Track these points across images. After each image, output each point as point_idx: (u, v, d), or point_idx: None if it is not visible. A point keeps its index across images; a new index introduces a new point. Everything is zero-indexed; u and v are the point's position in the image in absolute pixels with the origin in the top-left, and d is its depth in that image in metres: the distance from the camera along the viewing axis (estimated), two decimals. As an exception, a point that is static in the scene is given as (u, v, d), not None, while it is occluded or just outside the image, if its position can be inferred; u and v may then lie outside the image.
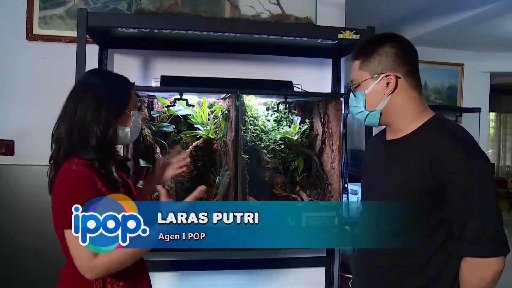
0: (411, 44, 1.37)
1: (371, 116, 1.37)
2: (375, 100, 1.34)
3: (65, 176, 1.27)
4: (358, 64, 1.37)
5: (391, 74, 1.31)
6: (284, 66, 2.45)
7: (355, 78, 1.38)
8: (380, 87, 1.33)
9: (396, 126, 1.37)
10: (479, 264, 1.19)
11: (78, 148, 1.30)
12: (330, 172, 2.17)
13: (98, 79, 1.40)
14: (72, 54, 2.19)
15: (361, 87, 1.36)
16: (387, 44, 1.33)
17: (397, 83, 1.31)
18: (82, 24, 1.78)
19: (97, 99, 1.33)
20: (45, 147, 2.20)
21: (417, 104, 1.34)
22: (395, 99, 1.33)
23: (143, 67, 2.29)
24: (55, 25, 2.30)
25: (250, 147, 2.11)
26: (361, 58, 1.36)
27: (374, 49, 1.34)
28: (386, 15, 4.28)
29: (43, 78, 2.28)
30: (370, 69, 1.34)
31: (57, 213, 1.27)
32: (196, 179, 2.11)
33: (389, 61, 1.32)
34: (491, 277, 1.19)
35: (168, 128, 2.17)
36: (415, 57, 1.36)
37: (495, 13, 3.77)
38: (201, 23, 1.95)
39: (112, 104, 1.34)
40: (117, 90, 1.38)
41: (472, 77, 5.70)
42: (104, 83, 1.38)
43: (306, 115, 2.36)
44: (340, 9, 2.53)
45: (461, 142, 1.23)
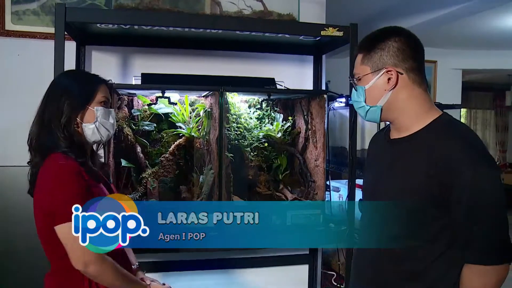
0: (417, 39, 1.31)
1: (372, 112, 1.32)
2: (376, 96, 1.30)
3: (50, 171, 1.27)
4: (360, 58, 1.33)
5: (392, 69, 1.26)
6: (265, 63, 2.44)
7: (357, 72, 1.33)
8: (381, 83, 1.28)
9: (400, 123, 1.32)
10: (483, 271, 1.18)
11: (51, 145, 1.33)
12: (314, 169, 2.17)
13: (65, 78, 1.45)
14: (48, 50, 2.13)
15: (362, 81, 1.32)
16: (391, 39, 1.28)
17: (398, 79, 1.26)
18: (60, 19, 1.72)
19: (60, 96, 1.37)
20: (21, 147, 2.14)
21: (422, 101, 1.29)
22: (397, 95, 1.28)
23: (123, 65, 2.23)
24: (30, 20, 2.21)
25: (234, 145, 2.09)
26: (363, 52, 1.32)
27: (376, 43, 1.29)
28: (361, 13, 4.31)
29: (17, 75, 2.19)
30: (371, 63, 1.29)
31: (44, 211, 1.27)
32: (179, 178, 2.07)
33: (391, 56, 1.27)
34: (495, 284, 1.18)
35: (149, 127, 2.12)
36: (420, 53, 1.30)
37: (467, 11, 3.85)
38: (183, 19, 1.91)
39: (73, 100, 1.36)
40: (80, 86, 1.40)
41: (444, 74, 5.82)
42: (69, 81, 1.42)
43: (288, 112, 2.35)
44: (321, 6, 2.53)
45: (470, 148, 1.18)
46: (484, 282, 1.18)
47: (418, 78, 1.28)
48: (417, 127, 1.28)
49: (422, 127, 1.27)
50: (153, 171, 2.02)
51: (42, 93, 2.20)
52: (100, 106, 1.40)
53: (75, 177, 1.26)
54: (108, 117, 1.42)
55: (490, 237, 1.16)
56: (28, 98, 2.19)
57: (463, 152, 1.15)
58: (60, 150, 1.31)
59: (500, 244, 1.17)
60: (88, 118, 1.39)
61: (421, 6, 4.07)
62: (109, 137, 1.45)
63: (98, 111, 1.39)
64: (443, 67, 5.79)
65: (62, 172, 1.27)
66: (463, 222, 1.16)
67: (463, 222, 1.16)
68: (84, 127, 1.38)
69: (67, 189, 1.24)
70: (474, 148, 1.18)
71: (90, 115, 1.39)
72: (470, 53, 5.88)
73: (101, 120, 1.40)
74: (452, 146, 1.17)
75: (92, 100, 1.39)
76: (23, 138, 2.15)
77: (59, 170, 1.27)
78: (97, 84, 1.42)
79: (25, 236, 1.93)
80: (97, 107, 1.40)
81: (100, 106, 1.40)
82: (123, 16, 1.84)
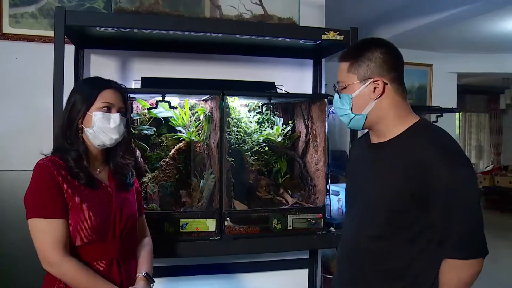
0: (397, 50, 1.39)
1: (357, 120, 1.38)
2: (361, 104, 1.36)
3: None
4: (346, 66, 1.38)
5: (379, 79, 1.33)
6: (265, 67, 2.43)
7: (342, 80, 1.38)
8: (367, 92, 1.34)
9: (380, 130, 1.38)
10: (460, 265, 1.25)
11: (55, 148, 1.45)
12: (314, 173, 2.16)
13: (76, 86, 1.53)
14: (45, 54, 2.12)
15: (348, 89, 1.37)
16: (377, 49, 1.35)
17: (384, 89, 1.33)
18: (60, 22, 1.70)
19: (67, 103, 1.44)
20: (19, 151, 2.13)
21: (401, 109, 1.36)
22: (381, 104, 1.35)
23: (122, 68, 2.21)
24: (27, 24, 2.19)
25: (234, 149, 2.08)
26: (350, 60, 1.37)
27: (363, 53, 1.35)
28: (358, 17, 4.34)
29: (15, 79, 2.17)
30: (358, 72, 1.35)
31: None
32: (179, 182, 2.05)
33: (377, 67, 1.34)
34: (470, 277, 1.26)
35: (149, 131, 2.11)
36: (401, 63, 1.39)
37: (463, 16, 3.88)
38: (184, 23, 1.90)
39: (74, 106, 1.42)
40: (82, 93, 1.44)
41: (440, 77, 5.86)
42: (76, 88, 1.48)
43: (288, 116, 2.34)
44: (320, 10, 2.53)
45: (446, 150, 1.26)
46: (461, 276, 1.25)
47: (399, 87, 1.36)
48: (396, 132, 1.35)
49: (400, 132, 1.34)
50: (153, 176, 2.00)
51: (40, 96, 2.19)
52: (100, 111, 1.41)
53: (46, 176, 1.32)
54: (108, 122, 1.42)
55: (465, 233, 1.23)
56: (25, 102, 2.19)
57: (439, 154, 1.23)
58: (58, 153, 1.40)
59: (475, 239, 1.25)
60: (88, 123, 1.42)
61: (418, 11, 4.10)
62: (113, 141, 1.45)
63: (96, 116, 1.41)
64: (439, 70, 5.83)
65: (34, 171, 1.35)
66: (441, 220, 1.23)
67: (440, 220, 1.23)
68: (86, 131, 1.43)
69: (33, 187, 1.33)
70: (449, 151, 1.26)
71: (89, 120, 1.42)
72: (466, 57, 5.93)
73: (99, 125, 1.41)
74: (429, 149, 1.24)
75: (92, 106, 1.42)
76: (21, 142, 2.15)
77: (34, 170, 1.35)
78: (97, 90, 1.44)
79: (23, 241, 1.91)
80: (95, 112, 1.41)
81: (99, 111, 1.41)
82: (123, 19, 1.83)
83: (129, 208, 1.48)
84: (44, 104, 2.13)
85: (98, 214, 1.37)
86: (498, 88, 8.35)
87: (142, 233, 1.61)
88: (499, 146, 9.65)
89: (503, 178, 8.34)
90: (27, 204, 1.32)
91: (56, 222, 1.30)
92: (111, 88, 1.45)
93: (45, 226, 1.29)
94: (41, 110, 2.14)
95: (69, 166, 1.37)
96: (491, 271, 1.71)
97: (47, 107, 1.76)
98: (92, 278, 1.33)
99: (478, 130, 9.82)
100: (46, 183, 1.32)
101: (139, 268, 1.50)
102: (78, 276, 1.30)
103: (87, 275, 1.32)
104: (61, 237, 1.30)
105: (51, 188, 1.32)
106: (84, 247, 1.36)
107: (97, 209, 1.37)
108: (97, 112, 1.41)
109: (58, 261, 1.29)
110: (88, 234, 1.34)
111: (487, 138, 9.77)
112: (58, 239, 1.30)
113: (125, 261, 1.45)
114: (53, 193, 1.32)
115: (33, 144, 2.12)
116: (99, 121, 1.41)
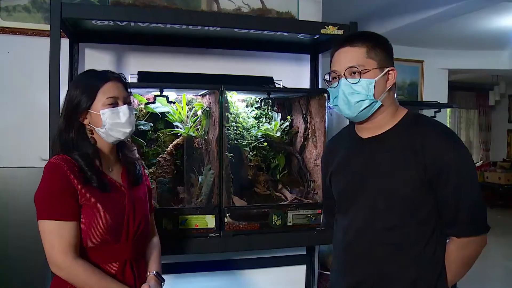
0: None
1: (372, 107, 1.31)
2: (378, 91, 1.31)
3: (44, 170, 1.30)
4: (363, 50, 1.31)
5: (394, 69, 1.32)
6: (263, 61, 2.41)
7: (361, 64, 1.30)
8: (382, 80, 1.31)
9: (377, 122, 1.35)
10: (468, 242, 1.30)
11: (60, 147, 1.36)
12: (314, 169, 2.14)
13: (72, 83, 1.45)
14: (39, 48, 2.08)
15: (368, 74, 1.30)
16: (387, 41, 1.35)
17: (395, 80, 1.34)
18: (56, 15, 1.66)
19: (69, 101, 1.37)
20: (11, 147, 2.08)
21: (394, 101, 1.38)
22: (388, 95, 1.34)
23: (118, 63, 2.17)
24: (20, 17, 2.14)
25: (233, 145, 2.05)
26: (368, 45, 1.31)
27: (381, 40, 1.34)
28: (351, 13, 4.32)
29: (7, 73, 2.12)
30: (378, 59, 1.31)
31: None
32: (177, 178, 2.02)
33: (390, 57, 1.34)
34: (477, 252, 1.32)
35: (145, 126, 2.07)
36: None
37: (455, 12, 3.90)
38: (181, 16, 1.87)
39: (78, 104, 1.35)
40: (81, 89, 1.36)
41: (431, 73, 5.87)
42: (75, 84, 1.40)
43: (285, 111, 2.32)
44: (317, 5, 2.51)
45: (446, 134, 1.30)
46: (469, 252, 1.31)
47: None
48: (391, 123, 1.35)
49: (394, 124, 1.35)
50: (150, 172, 1.97)
51: (33, 91, 2.14)
52: (107, 108, 1.35)
53: (58, 176, 1.27)
54: (118, 117, 1.36)
55: (474, 210, 1.27)
56: (18, 97, 2.14)
57: (441, 138, 1.27)
58: (67, 152, 1.33)
59: (482, 215, 1.30)
60: (97, 123, 1.36)
61: (409, 8, 4.11)
62: (127, 134, 1.40)
63: (104, 114, 1.35)
64: (430, 67, 5.84)
65: (47, 170, 1.29)
66: (450, 200, 1.26)
67: (450, 200, 1.26)
68: (97, 131, 1.37)
69: (45, 187, 1.27)
70: (448, 134, 1.31)
71: (98, 120, 1.35)
72: (457, 53, 5.95)
73: (109, 122, 1.35)
74: (432, 133, 1.28)
75: (93, 104, 1.35)
76: (13, 138, 2.10)
77: (46, 168, 1.30)
78: (97, 86, 1.36)
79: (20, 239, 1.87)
80: (102, 110, 1.34)
81: (106, 108, 1.35)
82: (120, 12, 1.79)
83: (142, 208, 1.43)
84: (37, 99, 2.09)
85: (112, 214, 1.32)
86: (487, 85, 8.41)
87: (151, 232, 1.56)
88: (488, 142, 9.74)
89: (492, 174, 8.41)
90: (38, 204, 1.26)
91: (67, 224, 1.25)
92: (110, 81, 1.38)
93: (56, 228, 1.24)
94: (34, 105, 2.09)
95: (82, 168, 1.31)
96: (479, 267, 1.74)
97: (40, 102, 1.72)
98: (104, 280, 1.28)
99: (467, 126, 9.89)
100: (59, 184, 1.27)
101: (150, 267, 1.46)
102: (88, 279, 1.26)
103: (99, 278, 1.28)
104: (71, 240, 1.25)
105: (64, 189, 1.27)
106: (96, 249, 1.31)
107: (111, 209, 1.32)
108: (105, 109, 1.34)
109: (68, 264, 1.24)
110: (102, 235, 1.30)
111: (476, 134, 9.85)
112: (69, 242, 1.25)
113: (137, 262, 1.41)
114: (65, 194, 1.26)
115: (25, 140, 2.09)
116: (109, 118, 1.34)
